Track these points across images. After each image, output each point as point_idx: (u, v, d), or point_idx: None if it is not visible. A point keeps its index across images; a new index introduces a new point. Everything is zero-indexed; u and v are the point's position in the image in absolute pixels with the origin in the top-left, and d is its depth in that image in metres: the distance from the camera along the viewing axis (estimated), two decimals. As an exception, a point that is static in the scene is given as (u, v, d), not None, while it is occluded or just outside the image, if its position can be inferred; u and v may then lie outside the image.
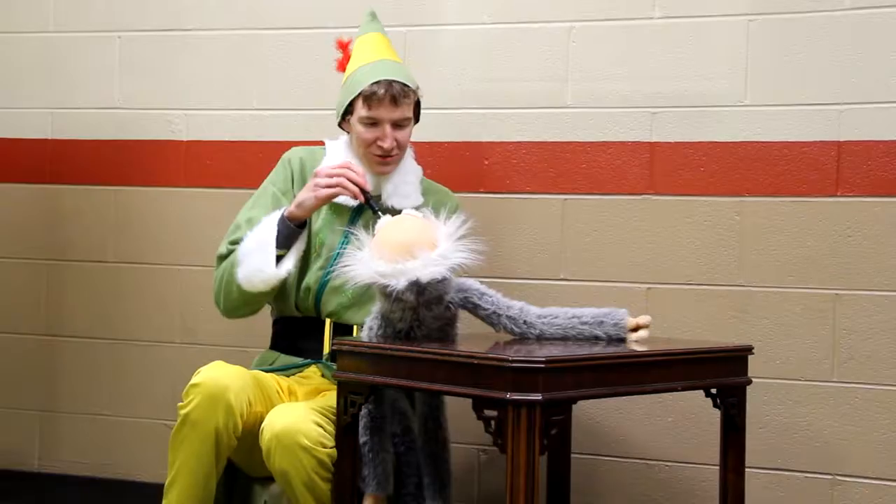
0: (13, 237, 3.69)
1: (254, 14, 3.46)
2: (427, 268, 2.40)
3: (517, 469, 2.19)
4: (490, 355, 2.27)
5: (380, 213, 2.68)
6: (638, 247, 3.10)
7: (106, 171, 3.59)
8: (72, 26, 3.64)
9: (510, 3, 3.22)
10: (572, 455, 2.93)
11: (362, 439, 2.60)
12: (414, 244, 2.43)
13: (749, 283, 3.02)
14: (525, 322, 2.50)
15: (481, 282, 2.53)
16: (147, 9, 3.56)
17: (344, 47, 2.96)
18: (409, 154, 2.94)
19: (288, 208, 2.81)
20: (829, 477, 2.95)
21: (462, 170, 3.23)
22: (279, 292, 2.85)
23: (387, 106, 2.80)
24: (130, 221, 3.57)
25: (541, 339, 2.49)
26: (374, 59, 2.86)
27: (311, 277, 2.85)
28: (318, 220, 2.88)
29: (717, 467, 2.62)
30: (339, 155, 2.90)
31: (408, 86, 2.83)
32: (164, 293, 3.53)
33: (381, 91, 2.79)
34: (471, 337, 2.56)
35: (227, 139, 3.47)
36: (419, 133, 3.18)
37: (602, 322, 2.50)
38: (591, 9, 3.14)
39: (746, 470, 2.61)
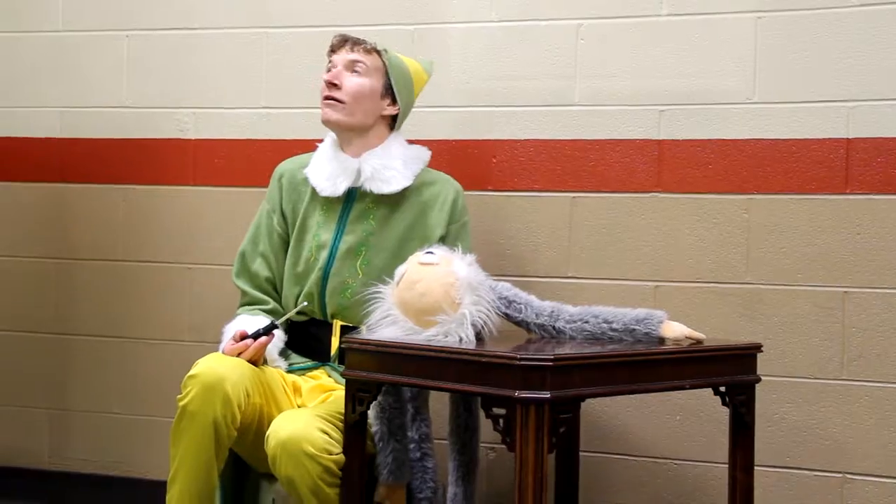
0: (23, 236, 3.69)
1: (262, 12, 3.46)
2: (463, 327, 2.42)
3: (525, 467, 2.20)
4: (498, 353, 2.27)
5: (276, 327, 2.75)
6: (646, 244, 3.10)
7: (115, 169, 3.60)
8: (80, 25, 3.64)
9: (518, 0, 3.22)
10: (580, 453, 2.93)
11: (373, 429, 2.60)
12: (437, 308, 2.43)
13: (757, 281, 3.01)
14: (554, 328, 2.52)
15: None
16: (155, 8, 3.57)
17: None
18: (397, 139, 2.91)
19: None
20: (839, 475, 2.94)
21: (470, 168, 3.22)
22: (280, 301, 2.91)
23: (339, 49, 2.88)
24: (139, 220, 3.58)
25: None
26: None
27: (312, 281, 2.85)
28: (314, 223, 2.88)
29: (726, 465, 2.62)
30: (322, 153, 2.91)
31: (366, 41, 2.88)
32: (174, 291, 3.53)
33: (338, 37, 2.90)
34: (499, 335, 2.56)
35: (235, 137, 3.48)
36: (428, 131, 3.18)
37: (634, 330, 2.49)
38: (599, 6, 3.14)
39: (755, 468, 2.61)
